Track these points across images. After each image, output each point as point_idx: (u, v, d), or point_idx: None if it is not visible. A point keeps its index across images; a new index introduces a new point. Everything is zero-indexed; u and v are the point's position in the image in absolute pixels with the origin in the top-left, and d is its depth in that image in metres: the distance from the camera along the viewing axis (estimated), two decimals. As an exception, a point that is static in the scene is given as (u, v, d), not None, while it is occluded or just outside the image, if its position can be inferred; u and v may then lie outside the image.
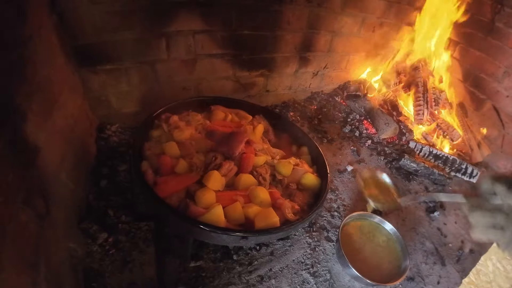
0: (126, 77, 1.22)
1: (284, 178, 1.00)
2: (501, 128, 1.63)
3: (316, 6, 1.44)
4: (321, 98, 1.85)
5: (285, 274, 0.99)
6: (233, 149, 0.96)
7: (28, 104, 0.70)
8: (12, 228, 0.55)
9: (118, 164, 1.14)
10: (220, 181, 0.88)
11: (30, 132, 0.69)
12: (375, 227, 1.12)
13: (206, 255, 0.97)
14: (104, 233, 0.91)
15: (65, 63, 1.00)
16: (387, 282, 0.97)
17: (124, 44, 1.14)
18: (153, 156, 0.93)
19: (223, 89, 1.49)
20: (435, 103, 1.76)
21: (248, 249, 1.02)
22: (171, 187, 0.84)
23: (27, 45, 0.74)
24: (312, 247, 1.09)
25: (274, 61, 1.54)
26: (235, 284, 0.93)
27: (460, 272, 1.16)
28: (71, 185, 0.89)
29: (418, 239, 1.25)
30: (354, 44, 1.74)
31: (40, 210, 0.68)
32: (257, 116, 1.23)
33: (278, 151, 1.10)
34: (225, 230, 0.75)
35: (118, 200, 1.02)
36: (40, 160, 0.71)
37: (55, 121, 0.84)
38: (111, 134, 1.27)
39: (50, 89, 0.86)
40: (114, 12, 1.06)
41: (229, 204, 0.84)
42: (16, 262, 0.54)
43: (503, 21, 1.55)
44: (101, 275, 0.84)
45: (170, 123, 1.02)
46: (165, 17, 1.16)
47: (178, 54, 1.26)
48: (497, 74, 1.62)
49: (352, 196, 1.33)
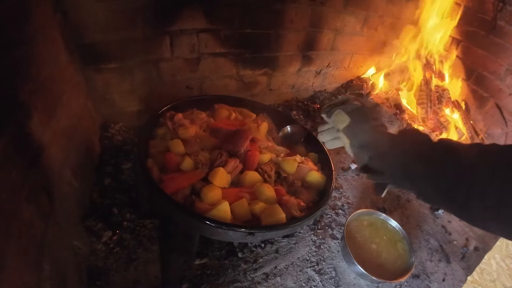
0: (130, 76, 1.22)
1: (289, 175, 1.00)
2: (504, 126, 1.63)
3: (319, 5, 1.44)
4: (324, 97, 1.85)
5: (290, 271, 0.99)
6: (238, 146, 0.95)
7: (32, 102, 0.69)
8: (16, 225, 0.55)
9: (122, 163, 1.13)
10: (226, 178, 0.87)
11: (34, 129, 0.68)
12: (380, 224, 1.11)
13: (211, 253, 0.97)
14: (108, 231, 0.91)
15: (69, 61, 1.00)
16: (392, 280, 0.96)
17: (128, 42, 1.13)
18: (158, 154, 0.92)
19: (226, 88, 1.49)
20: (438, 101, 1.76)
21: (253, 246, 1.02)
22: (176, 184, 0.83)
23: (31, 44, 0.74)
24: (317, 245, 1.08)
25: (277, 59, 1.54)
26: (240, 281, 0.92)
27: (465, 269, 1.15)
28: (75, 183, 0.89)
29: (423, 236, 1.24)
30: (357, 42, 1.74)
31: (44, 208, 0.67)
32: (261, 114, 1.23)
33: (283, 149, 1.09)
34: (232, 226, 0.75)
35: (123, 198, 1.02)
36: (44, 158, 0.71)
37: (59, 119, 0.84)
38: (115, 133, 1.26)
39: (54, 87, 0.85)
40: (118, 10, 1.06)
41: (235, 201, 0.84)
42: (20, 260, 0.54)
43: (505, 19, 1.55)
44: (105, 273, 0.84)
45: (175, 120, 1.02)
46: (168, 15, 1.16)
47: (181, 53, 1.26)
48: (500, 72, 1.62)
49: (356, 194, 1.32)
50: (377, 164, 0.62)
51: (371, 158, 0.62)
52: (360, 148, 0.64)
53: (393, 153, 0.58)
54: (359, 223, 1.10)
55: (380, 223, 1.11)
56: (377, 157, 0.61)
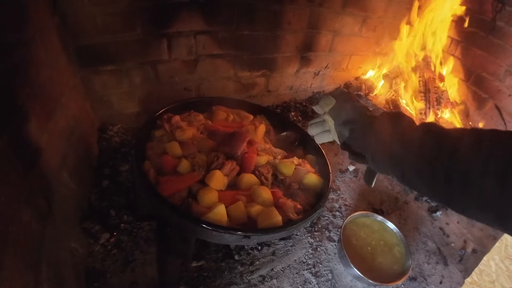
0: (128, 78, 1.23)
1: (286, 178, 1.00)
2: (504, 127, 1.62)
3: (317, 6, 1.44)
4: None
5: (287, 274, 0.99)
6: (235, 149, 0.96)
7: (30, 104, 0.70)
8: (14, 227, 0.55)
9: (120, 165, 1.14)
10: (222, 180, 0.88)
11: (32, 132, 0.69)
12: (377, 226, 1.11)
13: (208, 255, 0.97)
14: (106, 233, 0.91)
15: (67, 64, 1.00)
16: (389, 282, 0.96)
17: (126, 45, 1.14)
18: (155, 156, 0.93)
19: (224, 89, 1.49)
20: (437, 102, 1.75)
21: (249, 249, 1.02)
22: (173, 186, 0.84)
23: (29, 46, 0.74)
24: (314, 247, 1.08)
25: (275, 61, 1.54)
26: (237, 284, 0.93)
27: (463, 272, 1.15)
28: (73, 185, 0.89)
29: (420, 238, 1.24)
30: (355, 43, 1.74)
31: (42, 210, 0.68)
32: (258, 116, 1.23)
33: (280, 151, 1.09)
34: (228, 229, 0.75)
35: (120, 200, 1.02)
36: (42, 160, 0.71)
37: (57, 121, 0.85)
38: (113, 135, 1.27)
39: (52, 89, 0.86)
40: (115, 13, 1.06)
41: (232, 203, 0.84)
42: (18, 261, 0.54)
43: (504, 20, 1.55)
44: (103, 275, 0.84)
45: (172, 123, 1.02)
46: (166, 18, 1.16)
47: (179, 55, 1.27)
48: (499, 73, 1.61)
49: (354, 196, 1.32)
50: (358, 141, 0.62)
51: (353, 131, 0.63)
52: (343, 125, 0.66)
53: (374, 132, 0.57)
54: (356, 226, 1.10)
55: (378, 226, 1.11)
56: (358, 131, 0.62)
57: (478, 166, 0.38)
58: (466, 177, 0.39)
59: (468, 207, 0.41)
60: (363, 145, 0.61)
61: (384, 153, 0.54)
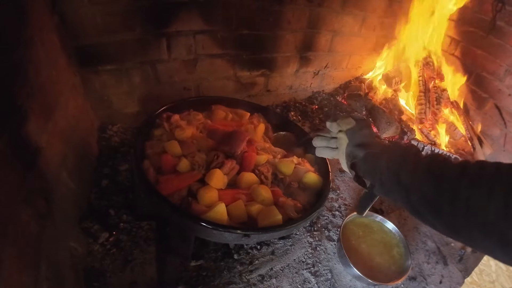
0: (127, 78, 1.23)
1: (285, 177, 1.00)
2: (503, 126, 1.62)
3: (316, 6, 1.44)
4: (322, 98, 1.85)
5: (286, 273, 0.99)
6: (234, 148, 0.96)
7: (30, 104, 0.70)
8: (13, 227, 0.55)
9: (119, 164, 1.14)
10: (222, 179, 0.88)
11: (31, 132, 0.69)
12: (377, 226, 1.11)
13: (207, 255, 0.97)
14: (105, 232, 0.91)
15: (67, 63, 1.00)
16: (389, 282, 0.96)
17: (125, 44, 1.14)
18: (154, 155, 0.93)
19: (224, 89, 1.49)
20: (437, 102, 1.75)
21: (249, 248, 1.02)
22: (173, 185, 0.84)
23: (28, 46, 0.74)
24: (313, 247, 1.08)
25: (275, 61, 1.54)
26: (236, 283, 0.93)
27: (463, 272, 1.15)
28: (72, 185, 0.89)
29: (420, 238, 1.24)
30: (355, 43, 1.73)
31: (41, 210, 0.68)
32: (256, 114, 1.23)
33: (279, 150, 1.09)
34: (228, 228, 0.75)
35: (119, 200, 1.02)
36: (41, 160, 0.72)
37: (57, 121, 0.85)
38: (112, 134, 1.27)
39: (52, 89, 0.86)
40: (114, 12, 1.06)
41: (231, 202, 0.84)
42: (17, 261, 0.55)
43: (504, 20, 1.55)
44: (102, 274, 0.84)
45: (172, 122, 1.02)
46: (165, 17, 1.16)
47: (178, 54, 1.27)
48: (499, 72, 1.61)
49: (353, 196, 1.32)
50: (368, 165, 0.66)
51: (367, 155, 0.67)
52: (357, 147, 0.71)
53: (384, 156, 0.62)
54: (356, 225, 1.10)
55: (377, 225, 1.11)
56: (370, 156, 0.66)
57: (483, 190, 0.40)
58: (470, 201, 0.41)
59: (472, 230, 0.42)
60: (372, 169, 0.64)
61: (390, 174, 0.58)
